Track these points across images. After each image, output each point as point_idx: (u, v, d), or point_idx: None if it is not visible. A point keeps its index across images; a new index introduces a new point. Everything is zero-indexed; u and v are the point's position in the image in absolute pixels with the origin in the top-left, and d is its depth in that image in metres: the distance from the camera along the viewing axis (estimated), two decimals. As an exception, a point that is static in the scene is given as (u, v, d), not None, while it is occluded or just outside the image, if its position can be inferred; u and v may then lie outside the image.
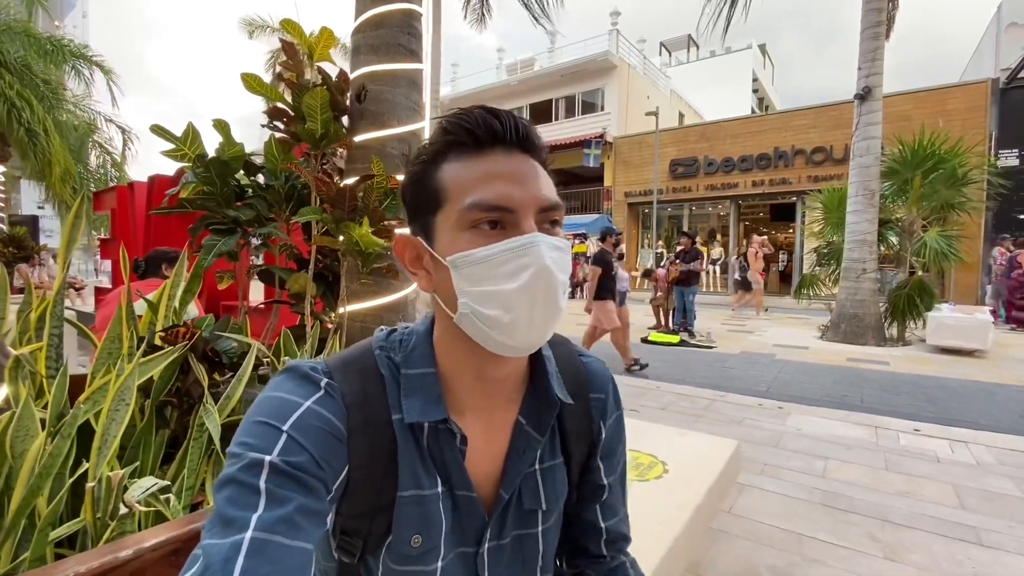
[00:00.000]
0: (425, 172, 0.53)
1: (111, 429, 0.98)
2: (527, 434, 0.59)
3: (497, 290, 0.48)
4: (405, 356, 0.56)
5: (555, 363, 0.63)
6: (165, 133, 1.59)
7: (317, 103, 1.51)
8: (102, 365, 1.18)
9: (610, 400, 0.68)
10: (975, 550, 2.11)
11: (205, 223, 1.78)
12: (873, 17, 7.54)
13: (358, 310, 1.76)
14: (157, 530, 0.84)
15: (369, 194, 1.51)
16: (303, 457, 0.46)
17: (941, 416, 4.09)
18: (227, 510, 0.42)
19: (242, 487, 0.43)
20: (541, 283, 0.49)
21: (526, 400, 0.61)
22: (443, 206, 0.51)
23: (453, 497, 0.56)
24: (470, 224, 0.50)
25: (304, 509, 0.43)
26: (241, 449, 0.45)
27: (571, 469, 0.64)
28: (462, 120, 0.51)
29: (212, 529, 0.42)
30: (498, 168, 0.50)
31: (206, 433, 1.21)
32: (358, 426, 0.51)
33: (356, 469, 0.51)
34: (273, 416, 0.47)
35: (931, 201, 7.65)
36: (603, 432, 0.66)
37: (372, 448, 0.52)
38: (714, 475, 1.73)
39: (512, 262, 0.48)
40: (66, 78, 10.31)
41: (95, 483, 0.91)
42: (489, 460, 0.59)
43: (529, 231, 0.49)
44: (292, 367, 0.53)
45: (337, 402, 0.51)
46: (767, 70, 33.32)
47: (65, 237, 1.14)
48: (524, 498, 0.60)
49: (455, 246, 0.50)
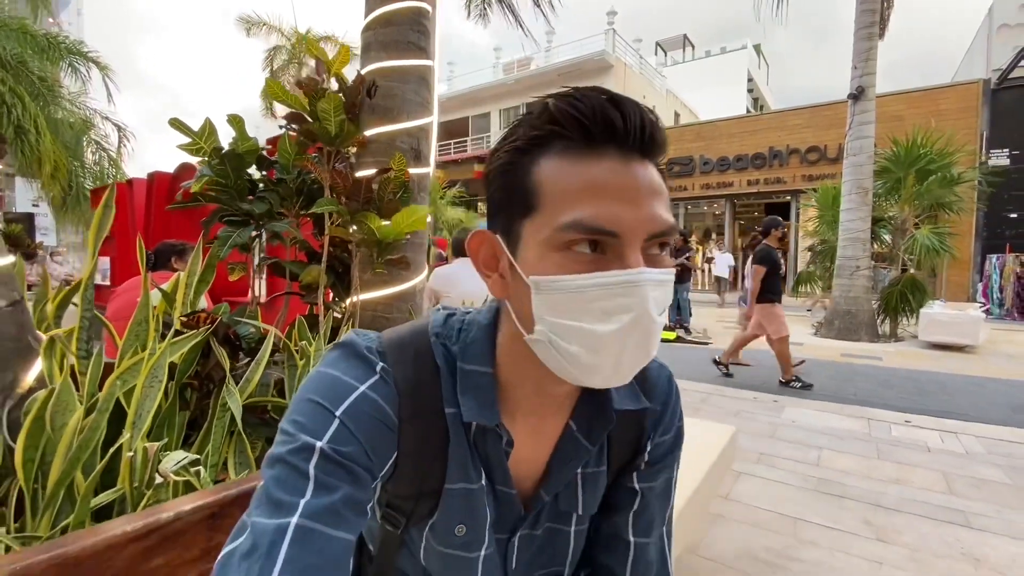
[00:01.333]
0: (517, 164, 0.45)
1: (145, 404, 1.03)
2: (576, 441, 0.56)
3: (583, 328, 0.42)
4: (463, 348, 0.53)
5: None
6: (183, 127, 1.63)
7: (331, 107, 1.57)
8: (130, 347, 1.22)
9: (668, 413, 0.62)
10: (963, 532, 2.18)
11: (219, 215, 1.83)
12: (867, 18, 7.64)
13: (369, 299, 1.81)
14: (193, 496, 0.89)
15: (384, 187, 1.56)
16: (353, 447, 0.45)
17: (932, 408, 4.18)
18: (276, 491, 0.42)
19: (291, 469, 0.43)
20: (638, 329, 0.42)
21: (579, 407, 0.57)
22: (534, 212, 0.44)
23: (495, 492, 0.55)
24: (565, 244, 0.42)
25: (349, 499, 0.43)
26: (293, 429, 0.45)
27: (610, 473, 0.61)
28: (574, 106, 0.42)
29: (260, 506, 0.42)
30: (608, 179, 0.42)
31: (228, 413, 1.26)
32: (409, 415, 0.50)
33: (404, 456, 0.51)
34: (327, 397, 0.47)
35: (923, 200, 7.77)
36: (650, 445, 0.61)
37: (422, 438, 0.51)
38: (711, 460, 1.79)
39: (607, 300, 0.41)
40: (62, 75, 10.27)
41: (132, 454, 0.96)
42: (532, 461, 0.57)
43: (634, 264, 0.41)
44: (349, 342, 0.52)
45: (391, 388, 0.50)
46: (762, 70, 33.51)
47: (95, 227, 1.19)
48: (560, 500, 0.58)
49: (542, 265, 0.43)
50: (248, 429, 1.42)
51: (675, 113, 23.05)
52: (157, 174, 5.28)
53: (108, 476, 1.06)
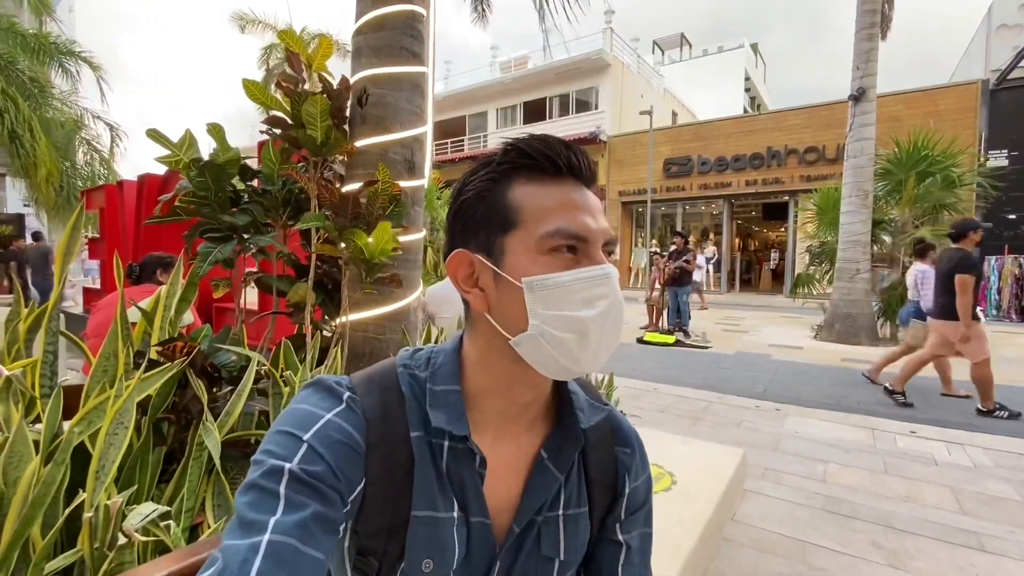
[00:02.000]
0: (493, 191, 0.53)
1: (109, 454, 0.94)
2: (546, 468, 0.58)
3: (573, 315, 0.50)
4: (432, 373, 0.57)
5: (583, 401, 0.62)
6: (161, 138, 1.54)
7: (317, 111, 1.47)
8: (97, 383, 1.13)
9: (637, 458, 0.66)
10: (978, 556, 2.11)
11: (200, 230, 1.73)
12: (867, 19, 7.58)
13: (360, 319, 1.72)
14: (158, 563, 0.80)
15: (373, 201, 1.47)
16: (321, 467, 0.47)
17: (936, 417, 4.12)
18: (247, 513, 0.44)
19: (262, 492, 0.45)
20: (613, 313, 0.51)
21: (552, 435, 0.60)
22: (516, 228, 0.52)
23: (468, 525, 0.55)
24: (550, 249, 0.51)
25: (319, 517, 0.45)
26: (264, 456, 0.47)
27: (593, 520, 0.62)
28: (543, 146, 0.52)
29: (232, 531, 0.43)
30: (575, 198, 0.52)
31: (206, 452, 1.16)
32: (376, 440, 0.52)
33: (372, 483, 0.52)
34: (296, 426, 0.49)
35: (924, 202, 7.70)
36: (626, 489, 0.64)
37: (389, 464, 0.53)
38: (723, 486, 1.71)
39: (589, 290, 0.50)
40: (52, 74, 10.11)
41: (92, 512, 0.86)
42: (508, 490, 0.57)
43: (600, 261, 0.52)
44: (318, 381, 0.55)
45: (358, 416, 0.52)
46: (759, 69, 33.49)
47: (62, 248, 1.10)
48: (543, 543, 0.58)
49: (532, 269, 0.51)
50: (230, 464, 1.33)
51: (673, 112, 22.96)
52: (148, 176, 5.16)
53: (74, 528, 0.97)
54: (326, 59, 1.56)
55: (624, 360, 6.55)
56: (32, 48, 9.48)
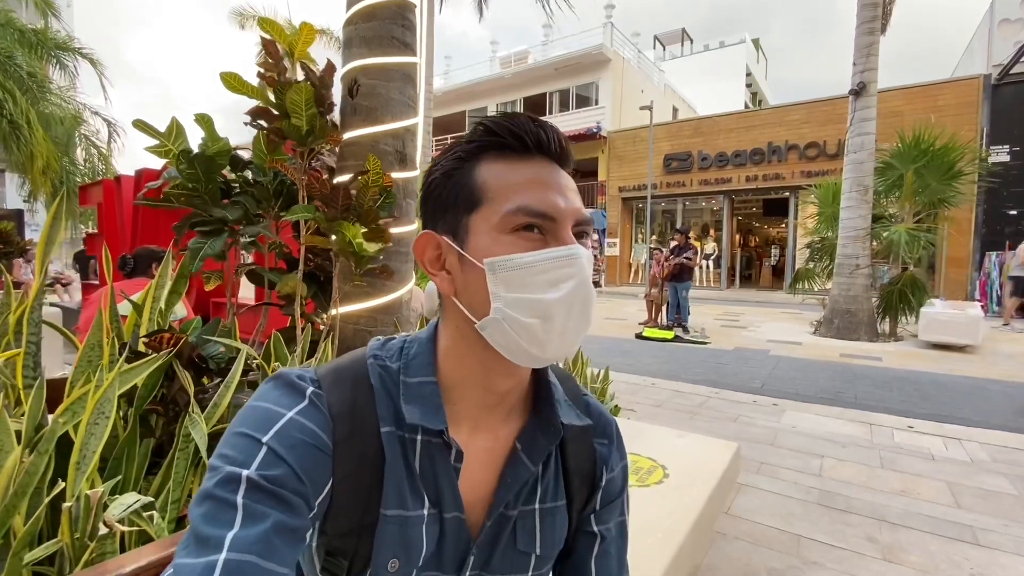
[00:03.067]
0: (460, 169, 0.51)
1: (90, 444, 0.93)
2: (519, 460, 0.56)
3: (536, 298, 0.47)
4: (405, 364, 0.54)
5: (563, 394, 0.60)
6: (148, 128, 1.52)
7: (301, 99, 1.45)
8: (81, 374, 1.12)
9: (614, 448, 0.65)
10: (972, 550, 2.11)
11: (190, 222, 1.72)
12: (868, 12, 7.53)
13: (351, 312, 1.71)
14: (139, 552, 0.79)
15: (364, 192, 1.45)
16: (282, 470, 0.44)
17: (934, 412, 4.11)
18: (202, 528, 0.40)
19: (218, 503, 0.41)
20: (580, 295, 0.48)
21: (527, 427, 0.58)
22: (481, 206, 0.50)
23: (441, 520, 0.53)
24: (513, 227, 0.48)
25: (281, 527, 0.42)
26: (220, 462, 0.44)
27: (571, 514, 0.61)
28: (510, 123, 0.50)
29: (187, 547, 0.40)
30: (543, 176, 0.50)
31: (192, 443, 1.16)
32: (344, 437, 0.49)
33: (341, 483, 0.49)
34: (254, 427, 0.46)
35: (923, 197, 7.67)
36: (603, 480, 0.63)
37: (358, 461, 0.50)
38: (715, 479, 1.70)
39: (554, 271, 0.48)
40: (51, 70, 10.07)
41: (73, 502, 0.86)
42: (483, 483, 0.56)
43: (569, 242, 0.49)
44: (279, 375, 0.52)
45: (322, 413, 0.49)
46: (760, 64, 33.34)
47: (43, 238, 1.09)
48: (519, 538, 0.57)
49: (494, 249, 0.48)
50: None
51: (673, 108, 22.88)
52: (145, 170, 5.15)
53: (58, 519, 0.96)
54: (308, 46, 1.54)
55: (622, 355, 6.54)
56: (30, 43, 9.44)
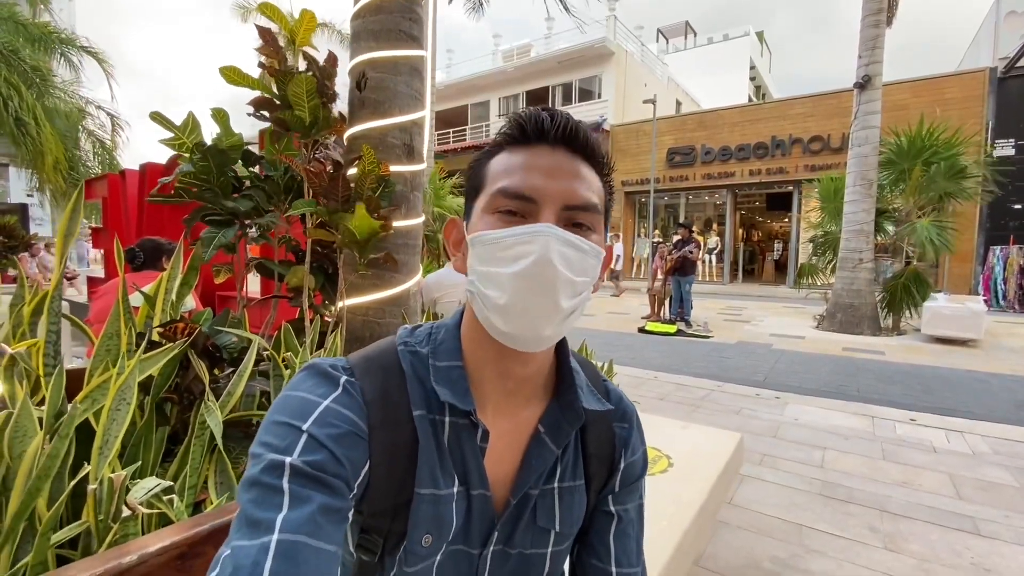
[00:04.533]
0: (479, 163, 0.57)
1: (112, 429, 0.96)
2: (543, 443, 0.59)
3: (497, 271, 0.50)
4: (433, 349, 0.58)
5: (584, 380, 0.62)
6: (164, 121, 1.54)
7: (303, 90, 1.46)
8: (100, 362, 1.15)
9: (634, 433, 0.67)
10: (972, 540, 2.13)
11: (201, 214, 1.74)
12: (874, 5, 7.48)
13: (359, 304, 1.73)
14: (161, 534, 0.82)
15: (361, 182, 1.47)
16: (323, 455, 0.46)
17: (937, 406, 4.13)
18: (253, 511, 0.43)
19: (265, 488, 0.44)
20: (538, 272, 0.49)
21: (549, 409, 0.60)
22: (481, 192, 0.55)
23: (469, 497, 0.56)
24: (494, 208, 0.52)
25: (326, 508, 0.44)
26: (262, 450, 0.46)
27: (589, 494, 0.63)
28: (517, 116, 0.54)
29: (240, 530, 0.42)
30: (535, 161, 0.52)
31: (208, 431, 1.18)
32: (378, 423, 0.52)
33: (377, 465, 0.51)
34: (293, 415, 0.48)
35: (928, 191, 7.65)
36: (622, 463, 0.65)
37: (393, 444, 0.52)
38: (719, 469, 1.73)
39: (516, 248, 0.49)
40: (55, 64, 10.08)
41: (97, 485, 0.89)
42: (507, 462, 0.58)
43: (543, 221, 0.50)
44: (312, 365, 0.54)
45: (356, 399, 0.52)
46: (764, 57, 33.10)
47: (62, 230, 1.11)
48: (539, 515, 0.59)
49: (477, 227, 0.53)
50: (232, 444, 1.35)
51: (676, 101, 22.76)
52: (149, 165, 5.16)
53: (79, 503, 0.99)
54: (310, 33, 1.54)
55: (625, 349, 6.57)
56: (34, 38, 9.44)
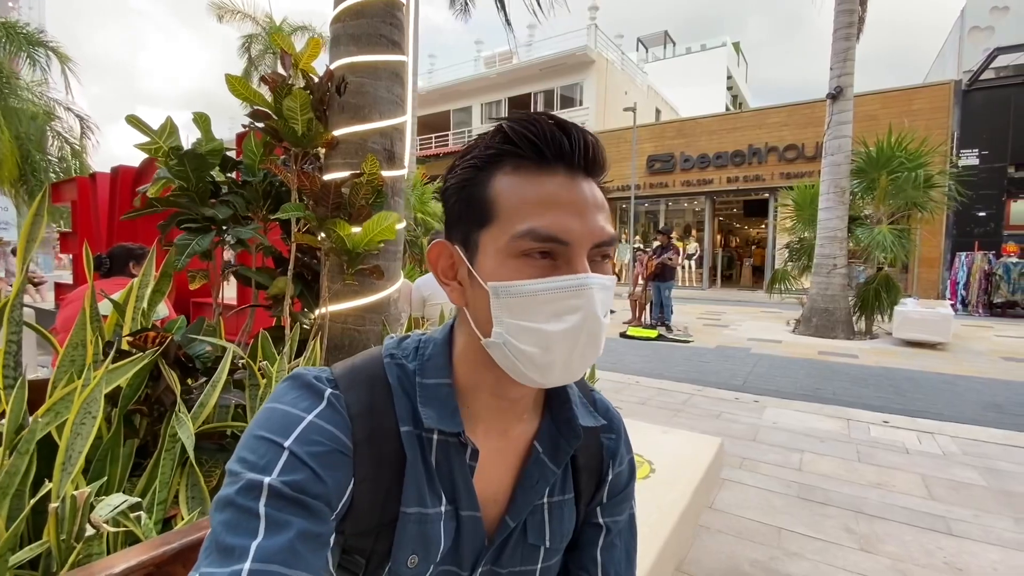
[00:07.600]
0: (475, 179, 0.48)
1: (76, 444, 0.92)
2: (542, 463, 0.56)
3: (538, 328, 0.45)
4: (421, 365, 0.54)
5: (578, 394, 0.60)
6: (141, 125, 1.50)
7: (297, 104, 1.45)
8: (64, 373, 1.10)
9: (622, 442, 0.65)
10: (945, 540, 2.18)
11: (177, 220, 1.70)
12: (845, 18, 7.71)
13: (338, 311, 1.70)
14: (127, 553, 0.78)
15: (356, 192, 1.45)
16: (304, 475, 0.43)
17: (908, 408, 4.24)
18: (225, 536, 0.40)
19: (240, 511, 0.41)
20: (586, 328, 0.46)
21: (543, 426, 0.58)
22: (492, 223, 0.47)
23: (458, 518, 0.53)
24: (520, 252, 0.46)
25: (305, 534, 0.41)
26: (240, 467, 0.43)
27: (579, 507, 0.61)
28: (528, 129, 0.46)
29: (210, 556, 0.40)
30: (559, 194, 0.46)
31: (179, 443, 1.15)
32: (363, 438, 0.49)
33: (361, 483, 0.48)
34: (274, 431, 0.45)
35: (897, 200, 7.89)
36: (610, 474, 0.63)
37: (378, 461, 0.50)
38: (700, 474, 1.74)
39: (559, 302, 0.45)
40: (21, 64, 9.76)
41: (59, 503, 0.85)
42: (498, 482, 0.56)
43: (581, 270, 0.46)
44: (296, 375, 0.51)
45: (341, 414, 0.49)
46: (740, 68, 33.88)
47: (24, 236, 1.06)
48: (529, 532, 0.57)
49: (500, 272, 0.46)
50: (204, 456, 1.31)
51: (656, 110, 23.13)
52: (121, 168, 5.02)
53: (41, 522, 0.95)
54: (313, 59, 1.56)
55: (607, 354, 6.60)
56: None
